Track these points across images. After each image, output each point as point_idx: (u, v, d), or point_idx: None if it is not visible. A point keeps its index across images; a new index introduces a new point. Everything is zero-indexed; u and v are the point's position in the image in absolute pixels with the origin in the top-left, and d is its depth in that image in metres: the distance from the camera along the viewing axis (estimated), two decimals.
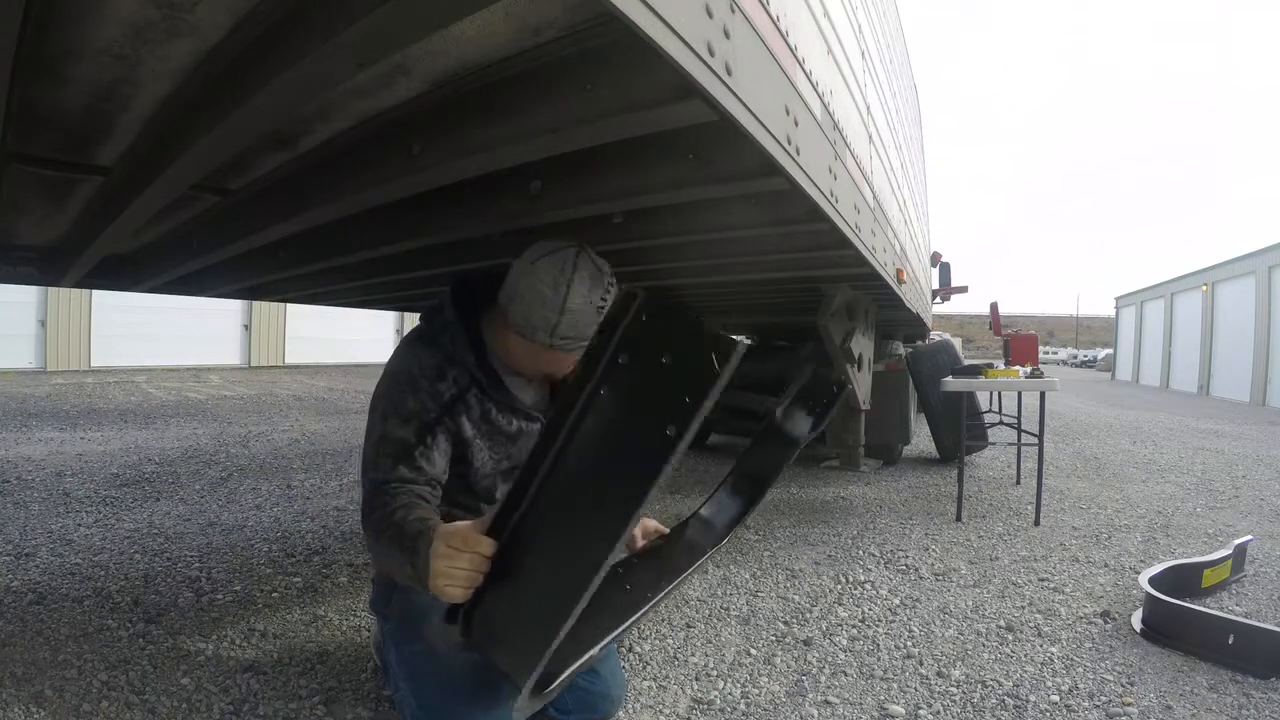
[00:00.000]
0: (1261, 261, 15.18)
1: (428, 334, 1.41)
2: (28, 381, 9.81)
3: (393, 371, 1.35)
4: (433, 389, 1.33)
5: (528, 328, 1.29)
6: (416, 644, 1.36)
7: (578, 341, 1.31)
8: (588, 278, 1.29)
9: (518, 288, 1.30)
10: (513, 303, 1.30)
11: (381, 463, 1.26)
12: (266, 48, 0.95)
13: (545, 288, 1.27)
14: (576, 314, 1.28)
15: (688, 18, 0.83)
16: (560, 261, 1.29)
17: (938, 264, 8.36)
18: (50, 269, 2.55)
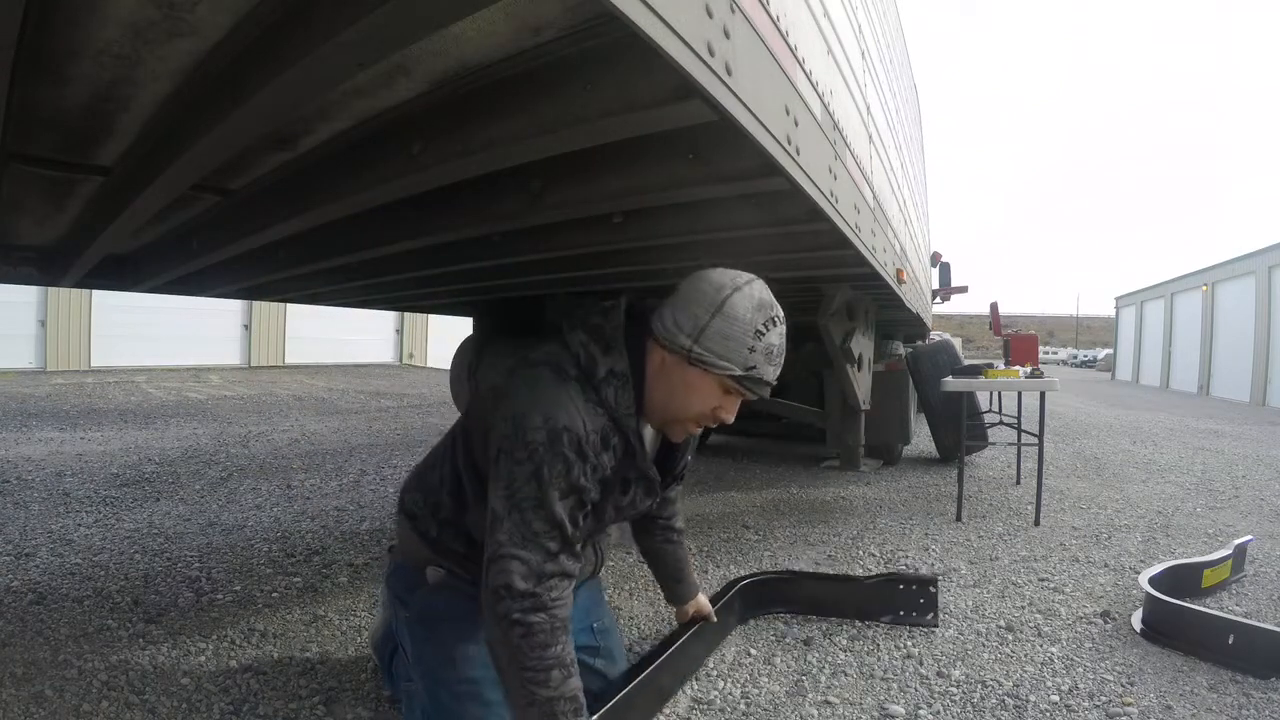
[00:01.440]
0: (1261, 261, 15.18)
1: (590, 379, 1.20)
2: (28, 381, 9.81)
3: (557, 428, 1.12)
4: (598, 460, 1.17)
5: (722, 358, 1.17)
6: (434, 646, 1.33)
7: (763, 385, 1.22)
8: (781, 317, 1.23)
9: (708, 319, 1.17)
10: (703, 334, 1.17)
11: (543, 544, 1.10)
12: (266, 48, 0.95)
13: (748, 317, 1.18)
14: (775, 351, 1.20)
15: (688, 18, 0.83)
16: (760, 293, 1.21)
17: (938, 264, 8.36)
18: (50, 269, 2.55)
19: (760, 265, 2.46)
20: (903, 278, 3.52)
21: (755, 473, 4.83)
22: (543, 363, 1.23)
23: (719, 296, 1.18)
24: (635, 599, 2.40)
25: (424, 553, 1.37)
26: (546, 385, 1.18)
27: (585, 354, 1.22)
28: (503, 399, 1.20)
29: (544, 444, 1.10)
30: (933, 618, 2.16)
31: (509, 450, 1.12)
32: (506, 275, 2.73)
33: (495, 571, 1.09)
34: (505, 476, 1.11)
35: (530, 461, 1.10)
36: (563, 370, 1.20)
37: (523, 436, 1.11)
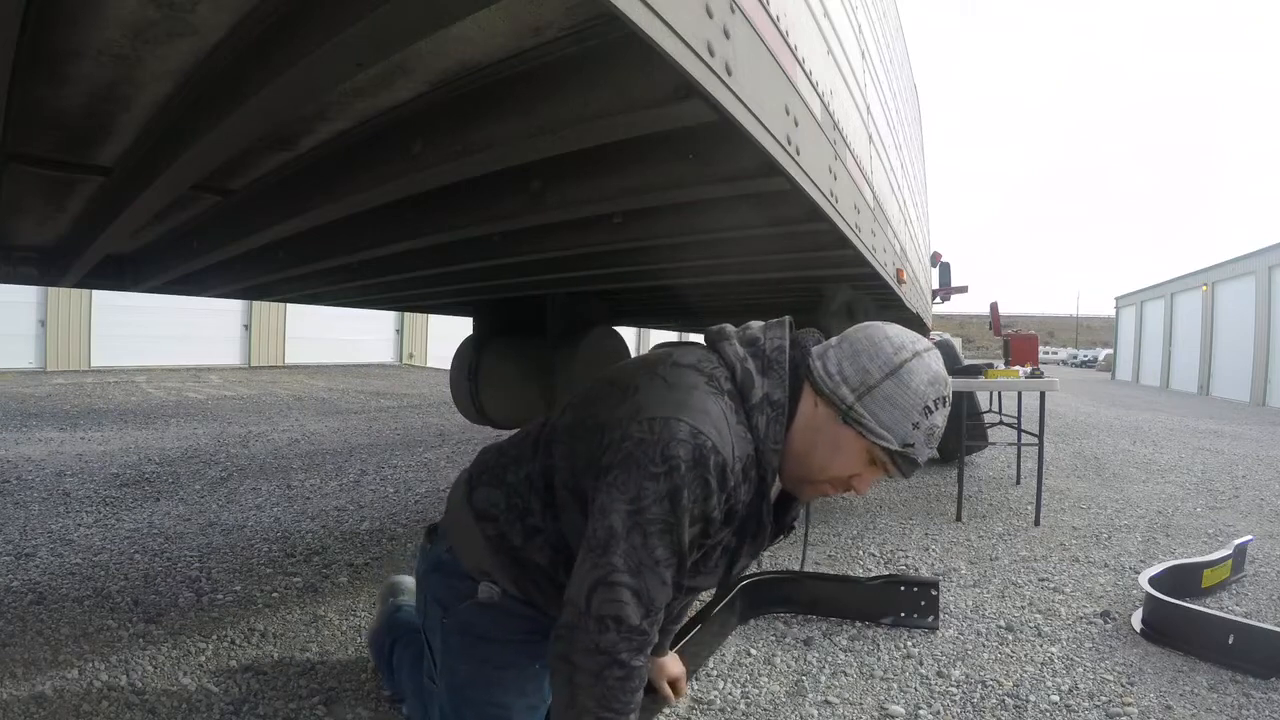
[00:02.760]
0: (1261, 261, 15.18)
1: (745, 400, 1.05)
2: (28, 381, 9.81)
3: (706, 447, 0.96)
4: (734, 495, 1.03)
5: (883, 426, 1.03)
6: (470, 663, 1.23)
7: (913, 467, 1.08)
8: (950, 398, 1.09)
9: (880, 379, 1.04)
10: (870, 394, 1.04)
11: (661, 574, 0.97)
12: (266, 48, 0.95)
13: (921, 390, 1.04)
14: (936, 434, 1.06)
15: (688, 18, 0.83)
16: (937, 366, 1.07)
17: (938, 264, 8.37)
18: (50, 269, 2.55)
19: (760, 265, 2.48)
20: (903, 278, 3.52)
21: None
22: (693, 367, 1.07)
23: (897, 358, 1.04)
24: None
25: (490, 559, 1.19)
26: (699, 394, 1.02)
27: (742, 369, 1.07)
28: (635, 395, 1.04)
29: (688, 462, 0.95)
30: (933, 620, 2.16)
31: (642, 458, 0.95)
32: (506, 275, 2.73)
33: (604, 599, 0.94)
34: (631, 488, 0.95)
35: (669, 479, 0.94)
36: (716, 381, 1.05)
37: (664, 447, 0.95)
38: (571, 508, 1.10)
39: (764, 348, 1.11)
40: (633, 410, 1.01)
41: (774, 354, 1.10)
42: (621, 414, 1.02)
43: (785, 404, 1.07)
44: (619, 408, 1.04)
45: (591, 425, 1.08)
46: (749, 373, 1.07)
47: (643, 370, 1.10)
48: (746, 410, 1.05)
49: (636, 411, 1.00)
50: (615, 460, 0.98)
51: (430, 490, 4.09)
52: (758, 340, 1.12)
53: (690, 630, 1.81)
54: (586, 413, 1.12)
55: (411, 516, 3.45)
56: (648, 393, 1.04)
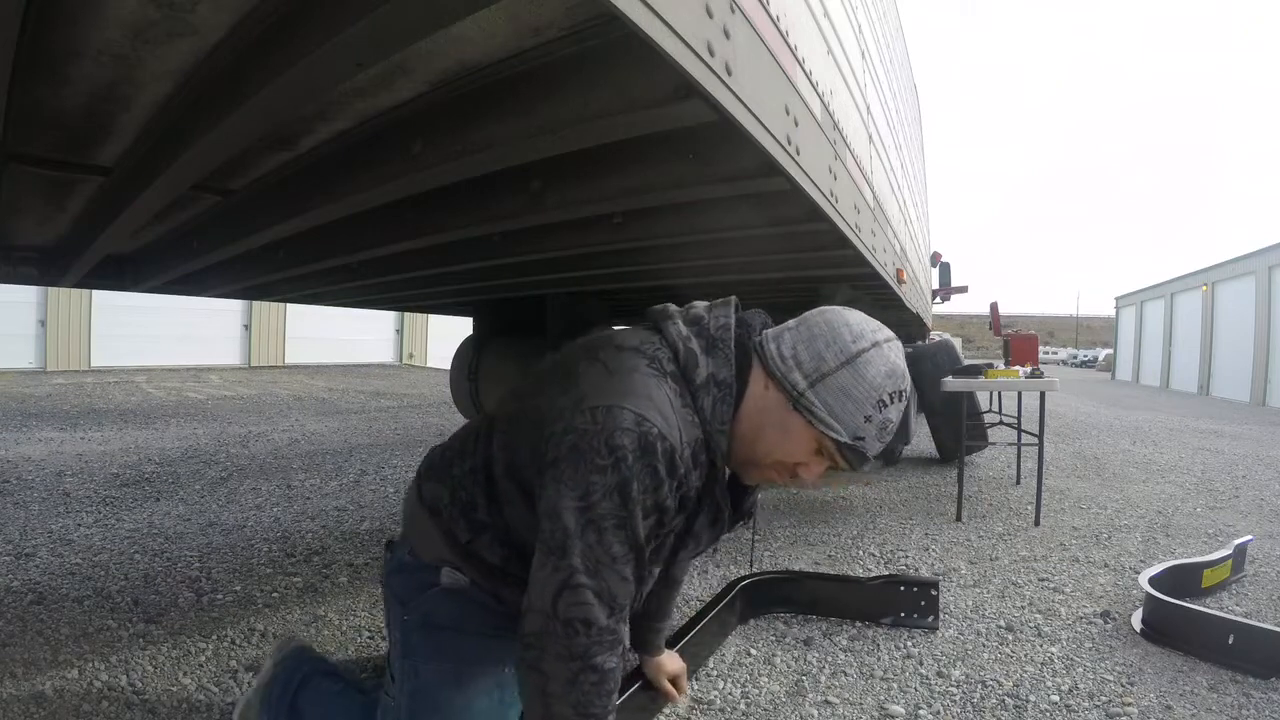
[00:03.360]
0: (1261, 261, 15.18)
1: (688, 381, 1.00)
2: (28, 381, 9.81)
3: (652, 435, 0.92)
4: (686, 481, 0.99)
5: (832, 416, 0.99)
6: (433, 662, 1.13)
7: (863, 461, 1.05)
8: (907, 392, 1.05)
9: (835, 367, 1.00)
10: (822, 382, 0.99)
11: (620, 570, 0.93)
12: (266, 48, 0.95)
13: (877, 381, 1.00)
14: (888, 429, 1.03)
15: (688, 18, 0.83)
16: (896, 358, 1.03)
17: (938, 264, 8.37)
18: (50, 269, 2.55)
19: (760, 265, 2.48)
20: (903, 278, 3.52)
21: None
22: (634, 349, 1.01)
23: (855, 347, 1.00)
24: None
25: (449, 553, 1.13)
26: (640, 377, 0.97)
27: (685, 349, 1.02)
28: (578, 382, 0.98)
29: (635, 451, 0.91)
30: (933, 620, 2.16)
31: (587, 451, 0.90)
32: (506, 275, 2.73)
33: (570, 603, 0.90)
34: (579, 484, 0.90)
35: (616, 471, 0.90)
36: (658, 363, 1.00)
37: (608, 437, 0.90)
38: (516, 500, 1.05)
39: (708, 326, 1.05)
40: (574, 400, 0.95)
41: (719, 332, 1.05)
42: (563, 404, 0.96)
43: (732, 383, 1.02)
44: (560, 397, 0.98)
45: (533, 416, 1.02)
46: (692, 352, 1.02)
47: (583, 355, 1.04)
48: (692, 392, 0.99)
49: (578, 401, 0.94)
50: (559, 454, 0.93)
51: None
52: (702, 319, 1.06)
53: (690, 630, 1.81)
54: (528, 403, 1.06)
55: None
56: (588, 380, 0.98)
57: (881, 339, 1.03)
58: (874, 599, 2.19)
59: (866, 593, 2.21)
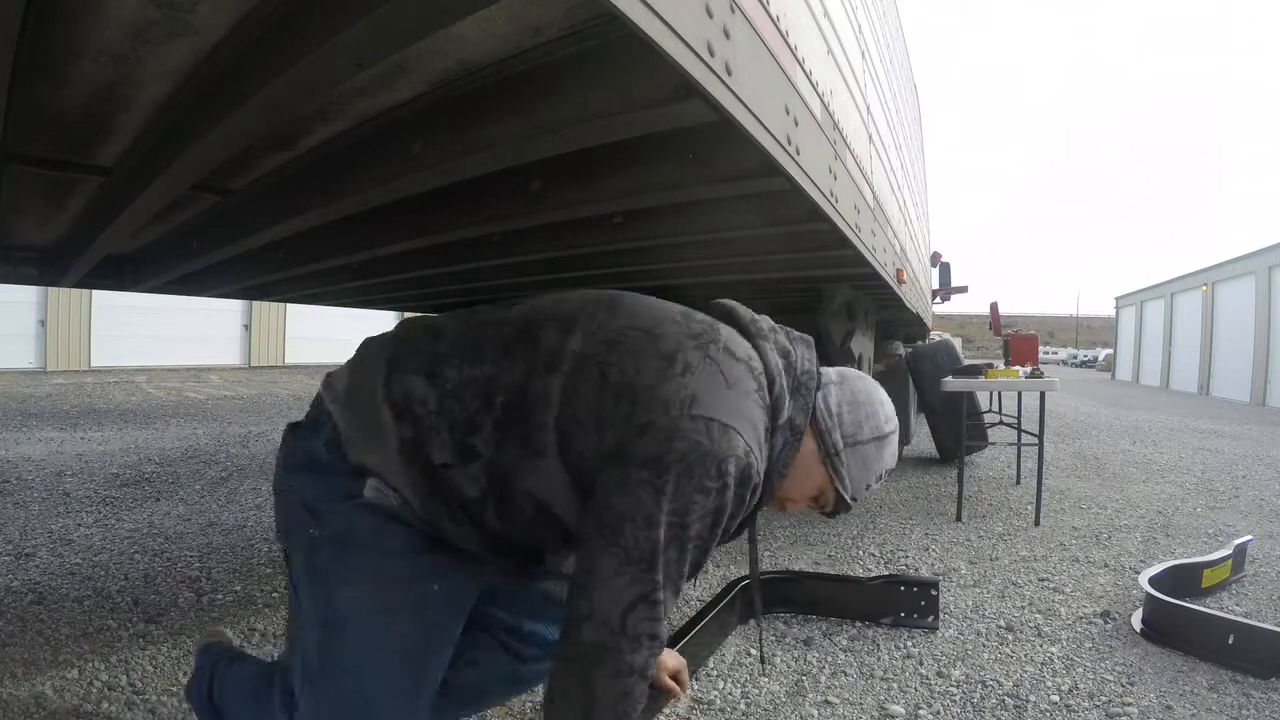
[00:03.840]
0: (1261, 261, 15.18)
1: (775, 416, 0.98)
2: (28, 381, 9.81)
3: (751, 468, 0.90)
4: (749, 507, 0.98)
5: (849, 477, 1.07)
6: (350, 586, 0.96)
7: (845, 509, 1.12)
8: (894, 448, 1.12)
9: (868, 439, 1.06)
10: (854, 448, 1.06)
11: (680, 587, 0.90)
12: (266, 48, 0.95)
13: (885, 461, 1.09)
14: (873, 465, 1.09)
15: (688, 18, 0.83)
16: (896, 444, 1.11)
17: (938, 264, 8.37)
18: (50, 269, 2.55)
19: (760, 265, 2.48)
20: (903, 278, 3.52)
21: None
22: (746, 364, 0.96)
23: (886, 428, 1.08)
24: None
25: (400, 468, 0.93)
26: (752, 404, 0.93)
27: (780, 385, 0.99)
28: (687, 376, 0.90)
29: (737, 480, 0.88)
30: (933, 620, 2.16)
31: (697, 467, 0.84)
32: (506, 275, 2.73)
33: (644, 617, 0.85)
34: (679, 497, 0.84)
35: (719, 496, 0.86)
36: (763, 392, 0.97)
37: (721, 461, 0.85)
38: (552, 456, 0.91)
39: (795, 365, 1.04)
40: (686, 398, 0.87)
41: (804, 377, 1.04)
42: (668, 393, 0.88)
43: (803, 431, 1.03)
44: (664, 382, 0.89)
45: (619, 381, 0.90)
46: (784, 391, 0.99)
47: (691, 343, 0.95)
48: (772, 428, 0.98)
49: (690, 402, 0.87)
50: (660, 453, 0.85)
51: None
52: (790, 355, 1.04)
53: (690, 630, 1.81)
54: (613, 358, 0.92)
55: None
56: (703, 382, 0.90)
57: (894, 427, 1.11)
58: (874, 599, 2.19)
59: (867, 593, 2.21)
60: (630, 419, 0.88)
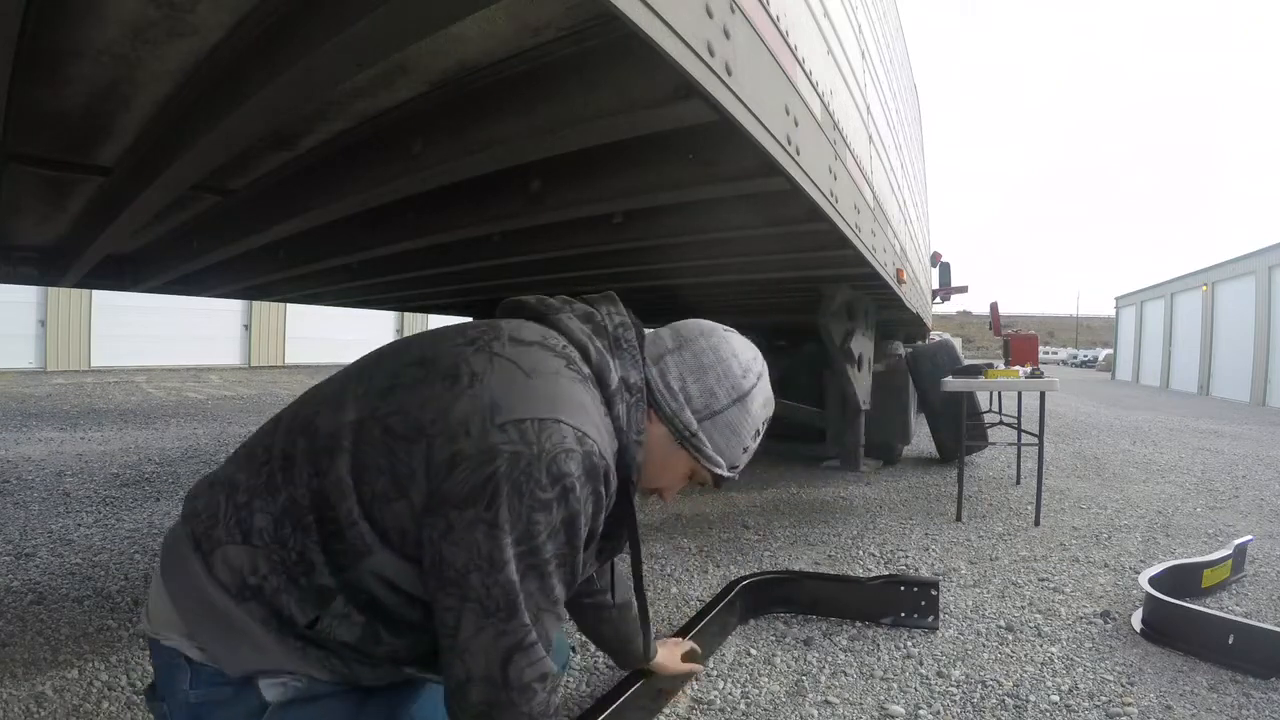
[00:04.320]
0: (1261, 261, 15.19)
1: (603, 386, 0.85)
2: (28, 381, 9.81)
3: (594, 454, 0.77)
4: (609, 501, 0.84)
5: (718, 453, 0.95)
6: None
7: (728, 480, 1.00)
8: (767, 394, 0.99)
9: (726, 405, 0.93)
10: (713, 420, 0.93)
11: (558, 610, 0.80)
12: (267, 48, 0.95)
13: (758, 413, 0.97)
14: (744, 426, 0.96)
15: (688, 18, 0.83)
16: (768, 384, 0.98)
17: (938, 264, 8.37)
18: (50, 269, 2.55)
19: (760, 265, 2.48)
20: (903, 278, 3.52)
21: (755, 473, 4.82)
22: (540, 344, 0.83)
23: (745, 384, 0.94)
24: None
25: (280, 651, 0.80)
26: (567, 382, 0.80)
27: (594, 347, 0.87)
28: (477, 385, 0.77)
29: (581, 477, 0.75)
30: (933, 620, 2.16)
31: (523, 482, 0.72)
32: (506, 275, 2.73)
33: (525, 665, 0.75)
34: (518, 523, 0.72)
35: (564, 504, 0.74)
36: (575, 364, 0.83)
37: (551, 462, 0.73)
38: (377, 548, 0.78)
39: (604, 323, 0.91)
40: (485, 408, 0.74)
41: (620, 330, 0.91)
42: (463, 412, 0.75)
43: (643, 387, 0.89)
44: (455, 402, 0.76)
45: (404, 426, 0.77)
46: (602, 352, 0.87)
47: (470, 349, 0.81)
48: (607, 398, 0.84)
49: (492, 410, 0.74)
50: (478, 483, 0.72)
51: None
52: (594, 315, 0.92)
53: (690, 630, 1.81)
54: (390, 406, 0.79)
55: None
56: (498, 382, 0.77)
57: (760, 367, 0.98)
58: (874, 599, 2.19)
59: (867, 593, 2.21)
60: (431, 460, 0.75)
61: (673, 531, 3.23)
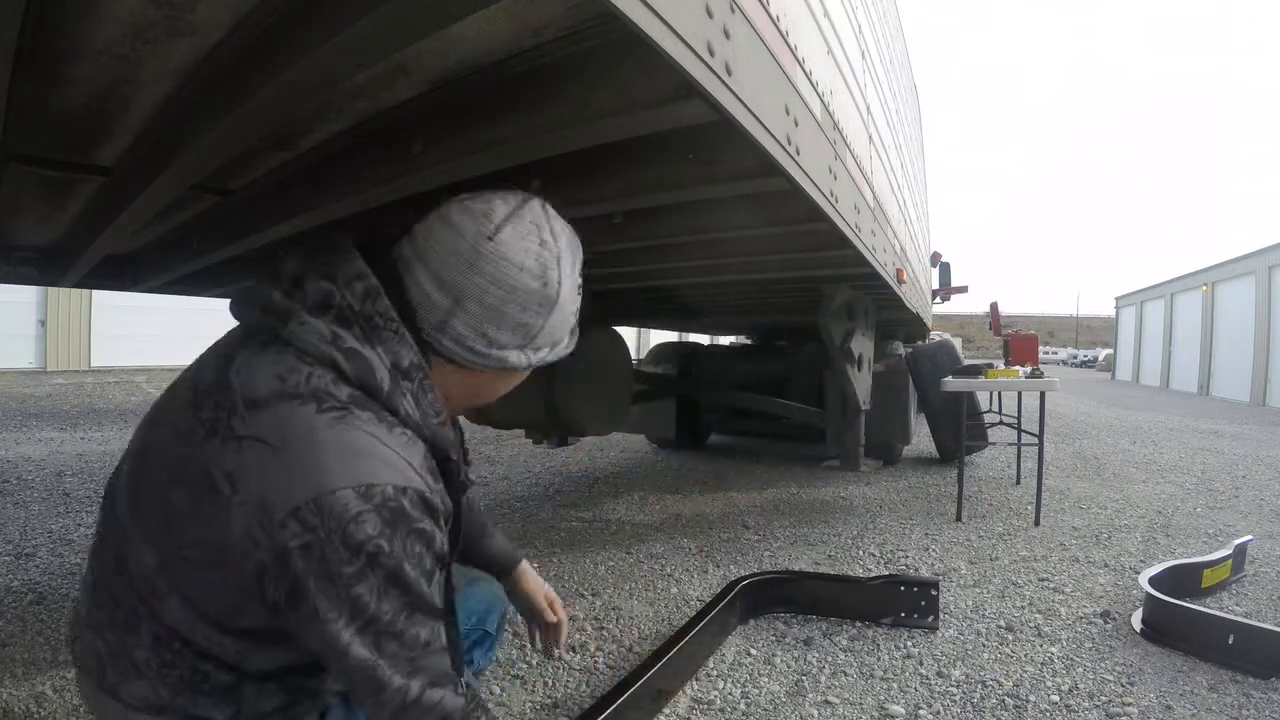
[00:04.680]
0: (1261, 261, 15.19)
1: (374, 393, 0.72)
2: (28, 381, 9.81)
3: (390, 497, 0.68)
4: (445, 507, 0.77)
5: (553, 352, 0.84)
6: None
7: (557, 349, 0.86)
8: (568, 246, 0.82)
9: (543, 320, 0.80)
10: (535, 339, 0.81)
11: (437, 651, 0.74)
12: (267, 48, 0.95)
13: (574, 292, 0.83)
14: (568, 309, 0.83)
15: (688, 18, 0.83)
16: (576, 247, 0.83)
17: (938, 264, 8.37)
18: (50, 269, 2.55)
19: (760, 265, 2.48)
20: (903, 278, 3.52)
21: (755, 473, 4.83)
22: (279, 396, 0.70)
23: (550, 291, 0.79)
24: (635, 599, 2.40)
25: None
26: (325, 433, 0.68)
27: (343, 353, 0.72)
28: (240, 482, 0.68)
29: (385, 531, 0.67)
30: (933, 620, 2.16)
31: (323, 572, 0.66)
32: None
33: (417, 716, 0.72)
34: (343, 609, 0.67)
35: (377, 568, 0.67)
36: (328, 394, 0.70)
37: (342, 539, 0.65)
38: (254, 649, 0.75)
39: (348, 305, 0.74)
40: (256, 514, 0.67)
41: (367, 305, 0.74)
42: (241, 527, 0.67)
43: (421, 362, 0.76)
44: (229, 520, 0.68)
45: (200, 556, 0.70)
46: (355, 352, 0.72)
47: (214, 441, 0.70)
48: (385, 404, 0.72)
49: (264, 512, 0.66)
50: (288, 589, 0.67)
51: None
52: (332, 296, 0.74)
53: (690, 630, 1.81)
54: (175, 540, 0.72)
55: None
56: (256, 475, 0.68)
57: (554, 249, 0.80)
58: (874, 599, 2.19)
59: (867, 593, 2.21)
60: (244, 578, 0.69)
61: (673, 531, 3.23)
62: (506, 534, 2.84)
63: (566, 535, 3.16)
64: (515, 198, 0.81)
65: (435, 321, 0.77)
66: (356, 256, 0.77)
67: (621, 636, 2.10)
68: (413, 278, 0.77)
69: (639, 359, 5.59)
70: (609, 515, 3.53)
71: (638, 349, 13.23)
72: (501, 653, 1.96)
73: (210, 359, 0.80)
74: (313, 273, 0.76)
